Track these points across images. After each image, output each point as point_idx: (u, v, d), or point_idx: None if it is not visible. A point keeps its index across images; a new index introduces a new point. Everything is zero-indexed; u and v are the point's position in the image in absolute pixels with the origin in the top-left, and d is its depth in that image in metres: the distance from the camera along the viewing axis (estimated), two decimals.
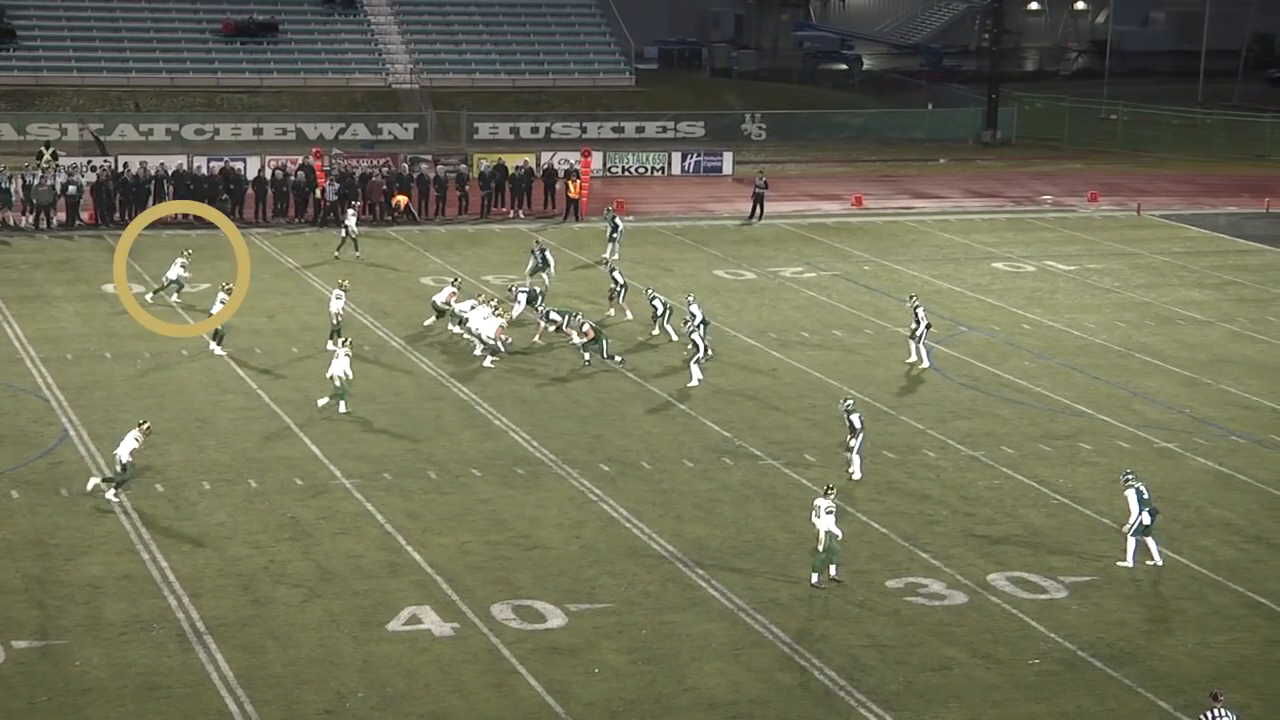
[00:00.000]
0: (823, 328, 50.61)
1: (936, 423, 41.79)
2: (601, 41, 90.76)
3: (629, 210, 67.43)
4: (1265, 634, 30.51)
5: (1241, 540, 34.86)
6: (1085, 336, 50.29)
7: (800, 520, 35.12)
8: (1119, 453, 39.96)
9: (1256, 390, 44.99)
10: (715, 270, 57.72)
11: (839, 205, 69.77)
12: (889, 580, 32.43)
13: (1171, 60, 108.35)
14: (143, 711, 26.66)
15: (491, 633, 29.73)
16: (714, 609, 31.05)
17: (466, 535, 34.16)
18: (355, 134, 78.69)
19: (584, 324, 46.14)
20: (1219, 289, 56.74)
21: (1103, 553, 33.95)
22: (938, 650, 29.53)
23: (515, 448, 39.55)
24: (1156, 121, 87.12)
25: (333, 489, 36.62)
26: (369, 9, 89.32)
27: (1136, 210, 69.85)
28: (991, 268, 59.30)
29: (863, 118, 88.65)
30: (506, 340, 46.04)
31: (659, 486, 37.22)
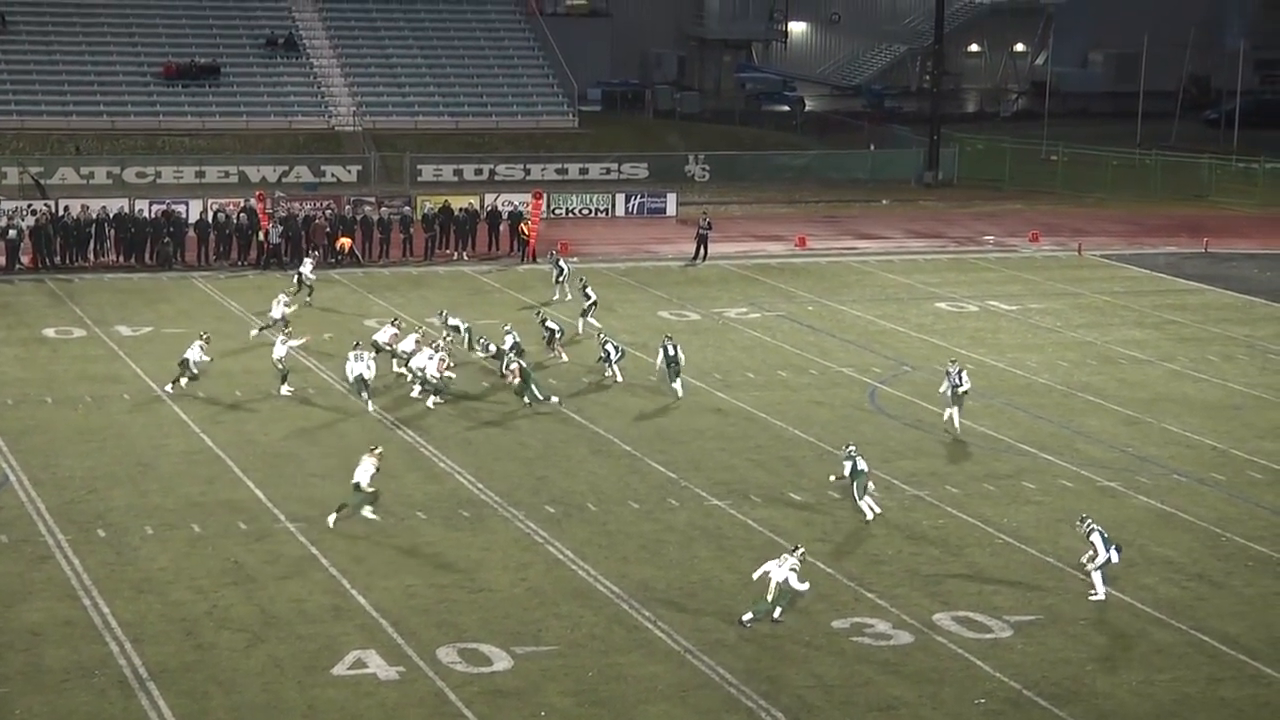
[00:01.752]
0: (767, 368, 50.65)
1: (881, 462, 41.79)
2: (544, 83, 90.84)
3: (573, 252, 67.42)
4: (1208, 672, 30.58)
5: (1184, 578, 34.98)
6: (1028, 376, 50.46)
7: (746, 561, 35.09)
8: (1062, 492, 40.08)
9: (1197, 429, 45.20)
10: (659, 311, 57.75)
11: (782, 246, 69.90)
12: (835, 620, 32.40)
13: (1110, 101, 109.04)
14: None
15: (437, 676, 29.57)
16: (660, 650, 30.96)
17: (411, 578, 34.00)
18: (298, 176, 78.47)
19: (511, 364, 46.07)
20: (1159, 328, 57.03)
21: (1048, 591, 34.01)
22: (884, 690, 29.50)
23: (460, 490, 39.43)
24: (1096, 162, 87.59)
25: (277, 533, 36.41)
26: (311, 51, 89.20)
27: (1077, 250, 70.18)
28: (934, 308, 59.47)
29: (805, 159, 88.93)
30: (450, 378, 45.91)
31: (604, 528, 37.13)
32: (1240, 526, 37.80)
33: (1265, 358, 53.13)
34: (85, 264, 62.86)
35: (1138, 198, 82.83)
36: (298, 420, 44.26)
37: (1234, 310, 60.07)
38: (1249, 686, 30.05)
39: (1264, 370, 51.63)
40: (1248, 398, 48.59)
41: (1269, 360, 52.81)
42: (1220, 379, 50.51)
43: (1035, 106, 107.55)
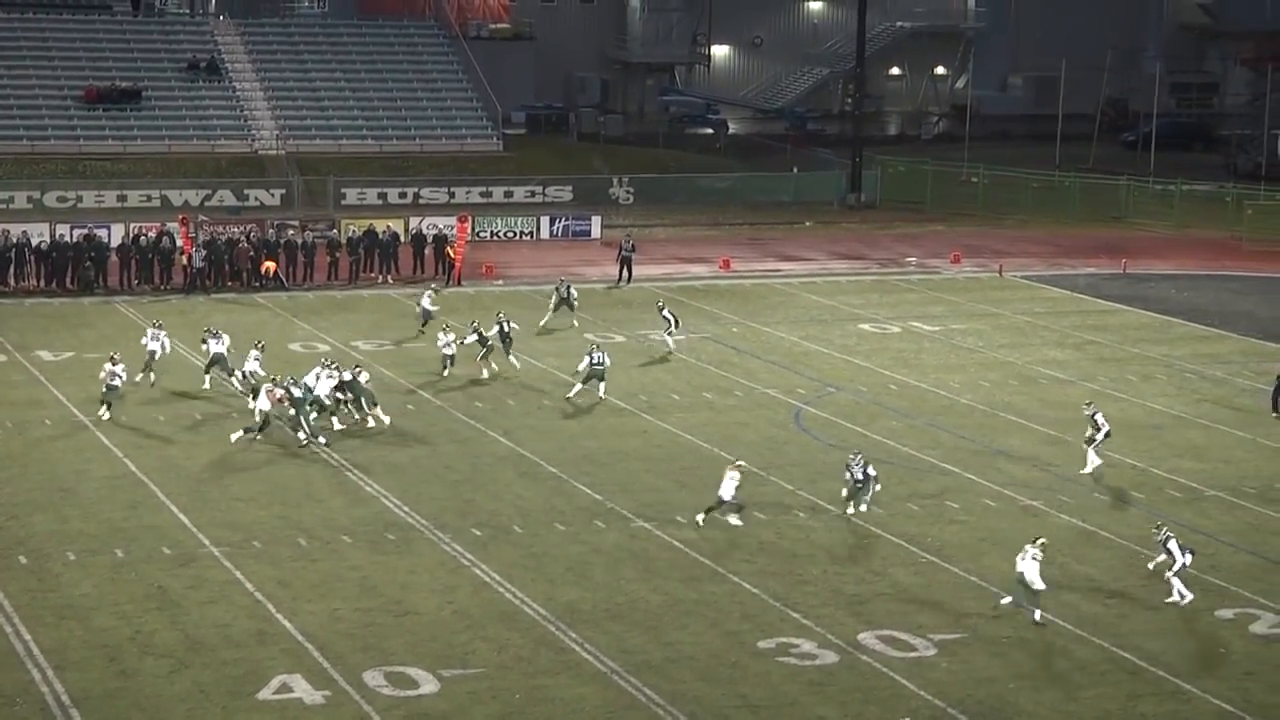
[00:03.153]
0: (692, 390, 50.71)
1: (806, 483, 41.94)
2: (468, 107, 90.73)
3: (499, 275, 67.43)
4: (1128, 688, 30.79)
5: (1104, 596, 35.20)
6: (950, 396, 50.69)
7: (672, 582, 35.15)
8: (985, 511, 40.29)
9: (1116, 448, 45.43)
10: (585, 334, 57.69)
11: (706, 268, 70.04)
12: (760, 641, 32.45)
13: (1029, 124, 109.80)
14: None
15: (364, 700, 29.47)
16: (587, 672, 30.94)
17: (337, 602, 33.88)
18: (221, 200, 78.02)
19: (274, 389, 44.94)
20: (1079, 348, 57.37)
21: (971, 610, 34.16)
22: (810, 710, 29.57)
23: (386, 513, 39.32)
24: (1016, 184, 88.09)
25: (201, 557, 36.21)
26: (234, 75, 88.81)
27: (998, 271, 70.56)
28: (858, 329, 59.67)
29: (729, 181, 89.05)
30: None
31: (531, 550, 37.09)
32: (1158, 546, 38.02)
33: (1183, 377, 53.54)
34: (5, 289, 62.36)
35: (1057, 219, 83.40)
36: (220, 445, 44.01)
37: (1152, 330, 60.49)
38: (1169, 703, 30.27)
39: (1182, 390, 52.02)
40: (1166, 417, 48.95)
41: (1186, 380, 53.22)
42: (1139, 399, 50.87)
43: (956, 129, 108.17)
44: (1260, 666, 31.88)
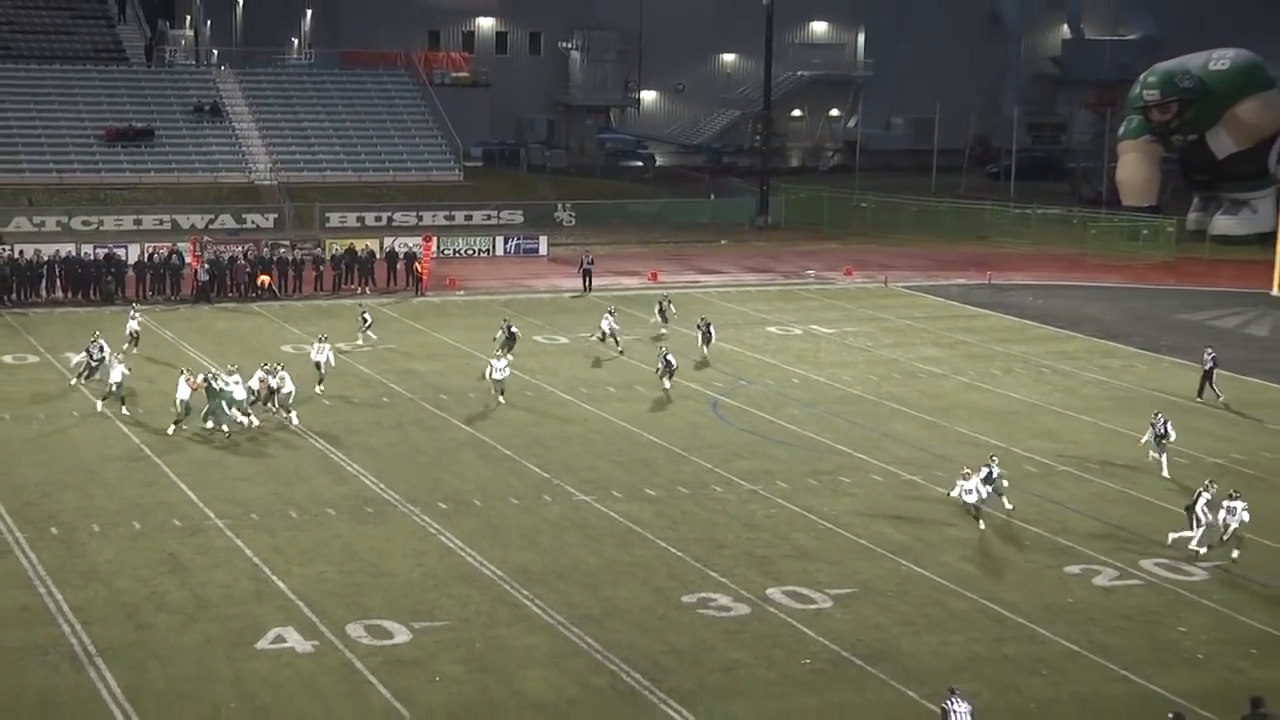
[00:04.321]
0: (625, 383, 50.75)
1: (722, 462, 42.03)
2: (434, 143, 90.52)
3: (461, 286, 67.33)
4: (994, 634, 30.99)
5: (975, 555, 35.40)
6: (844, 388, 50.87)
7: (610, 546, 35.20)
8: (873, 485, 40.44)
9: (984, 431, 45.76)
10: (534, 336, 57.69)
11: (637, 280, 70.04)
12: (684, 596, 32.50)
13: (909, 158, 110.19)
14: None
15: (346, 649, 29.42)
16: (537, 624, 30.96)
17: (323, 565, 33.79)
18: (223, 223, 77.68)
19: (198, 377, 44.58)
20: (952, 347, 57.66)
21: (861, 568, 34.30)
22: (726, 654, 29.65)
23: (365, 490, 39.23)
24: (898, 208, 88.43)
25: (206, 528, 36.08)
26: (233, 116, 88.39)
27: (884, 282, 70.85)
28: (765, 331, 59.82)
29: (656, 206, 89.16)
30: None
31: (488, 520, 37.07)
32: (1019, 512, 38.25)
33: (1038, 371, 53.87)
34: (38, 300, 62.07)
35: (933, 238, 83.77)
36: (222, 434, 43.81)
37: (1013, 332, 60.80)
38: (1027, 645, 30.47)
39: (1037, 382, 52.34)
40: (1024, 405, 49.25)
41: (1041, 374, 53.55)
42: (1002, 390, 51.16)
43: (848, 162, 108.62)
44: (1101, 613, 32.13)
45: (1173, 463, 41.99)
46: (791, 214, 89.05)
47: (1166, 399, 49.78)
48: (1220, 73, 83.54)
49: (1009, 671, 29.19)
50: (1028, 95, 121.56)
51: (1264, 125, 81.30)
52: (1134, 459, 42.95)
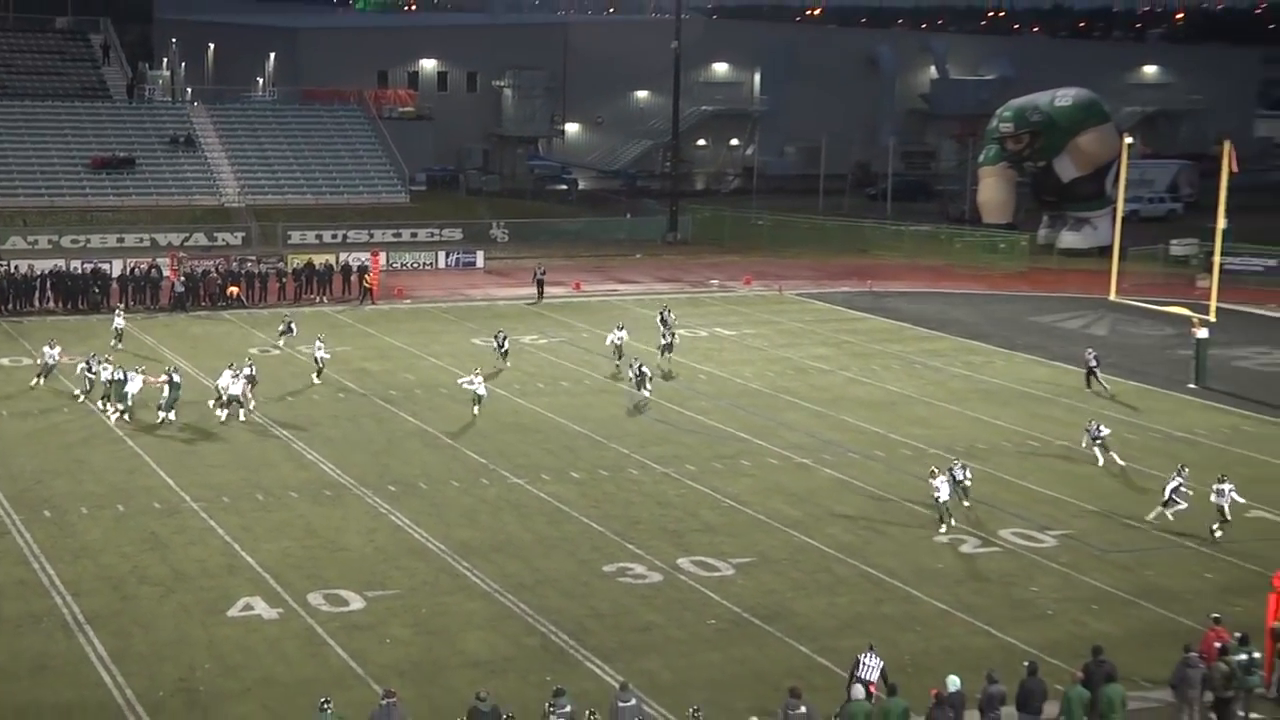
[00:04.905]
0: (552, 380, 50.67)
1: (638, 448, 42.07)
2: (383, 169, 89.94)
3: (408, 295, 66.99)
4: (874, 595, 31.22)
5: (857, 528, 35.61)
6: (744, 383, 51.01)
7: (540, 523, 35.15)
8: (770, 467, 40.58)
9: (865, 419, 46.04)
10: (473, 339, 57.50)
11: (563, 289, 69.85)
12: (605, 566, 32.52)
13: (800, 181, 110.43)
14: (35, 686, 25.86)
15: (308, 615, 29.26)
16: (476, 592, 30.90)
17: (287, 542, 33.57)
18: (197, 241, 76.75)
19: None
20: (837, 346, 57.92)
21: (759, 540, 34.42)
22: (642, 616, 29.70)
23: (323, 475, 38.98)
24: (791, 225, 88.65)
25: (183, 510, 35.75)
26: (205, 146, 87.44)
27: (779, 290, 71.06)
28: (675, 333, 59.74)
29: (579, 224, 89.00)
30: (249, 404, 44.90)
31: (433, 501, 36.94)
32: (896, 490, 38.55)
33: (912, 367, 54.22)
34: (31, 310, 61.21)
35: (821, 251, 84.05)
36: (199, 425, 43.44)
37: (890, 333, 61.13)
38: (903, 605, 30.70)
39: (912, 377, 52.68)
40: (899, 396, 49.56)
41: (914, 369, 53.91)
42: (881, 383, 51.46)
43: (746, 185, 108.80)
44: (967, 577, 32.42)
45: (1030, 447, 42.41)
46: (698, 231, 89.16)
47: (1020, 390, 50.26)
48: (1064, 108, 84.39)
49: (887, 628, 29.38)
50: (901, 127, 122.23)
51: (1101, 153, 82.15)
52: (994, 442, 43.35)
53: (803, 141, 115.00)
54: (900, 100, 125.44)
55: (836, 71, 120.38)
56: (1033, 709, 24.10)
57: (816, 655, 27.92)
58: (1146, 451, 42.65)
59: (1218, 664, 25.22)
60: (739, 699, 25.09)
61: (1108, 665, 24.84)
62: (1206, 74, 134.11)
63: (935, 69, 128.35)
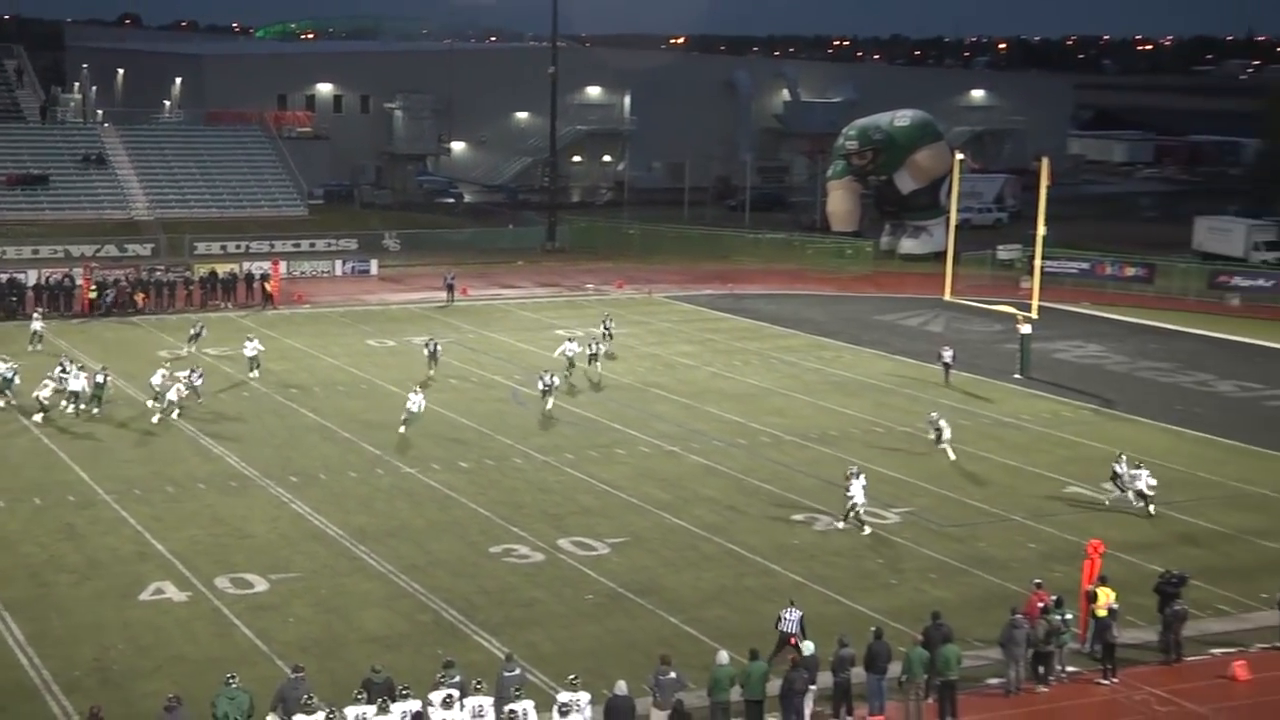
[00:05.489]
0: (442, 377, 50.28)
1: (521, 439, 41.93)
2: (283, 184, 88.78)
3: (307, 300, 66.12)
4: (737, 570, 31.40)
5: (721, 509, 35.80)
6: (617, 378, 51.01)
7: (431, 510, 34.89)
8: (642, 455, 40.65)
9: (729, 410, 46.29)
10: (367, 341, 56.92)
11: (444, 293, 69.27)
12: (492, 547, 32.37)
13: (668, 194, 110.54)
14: None
15: (215, 598, 28.77)
16: (373, 573, 30.59)
17: (196, 530, 32.97)
18: (108, 252, 74.88)
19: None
20: (702, 344, 58.15)
21: (632, 521, 34.44)
22: (526, 593, 29.60)
23: (229, 468, 38.34)
24: (659, 234, 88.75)
25: (97, 503, 34.97)
26: (116, 165, 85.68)
27: (648, 293, 71.18)
28: (554, 333, 59.50)
29: (465, 234, 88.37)
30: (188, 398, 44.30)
31: (332, 490, 36.50)
32: (756, 474, 38.82)
33: (769, 363, 54.61)
34: None
35: (686, 258, 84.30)
36: (112, 424, 42.53)
37: (749, 331, 61.49)
38: (763, 578, 30.91)
39: (769, 371, 53.06)
40: (759, 389, 49.88)
41: (771, 364, 54.30)
42: (742, 377, 51.77)
43: (618, 198, 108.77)
44: (819, 551, 32.72)
45: (876, 433, 42.92)
46: (574, 240, 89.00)
47: (867, 382, 50.84)
48: (903, 127, 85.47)
49: (749, 599, 29.57)
50: (758, 145, 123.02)
51: (936, 168, 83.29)
52: (844, 430, 43.80)
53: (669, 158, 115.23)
54: (756, 120, 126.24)
55: (699, 94, 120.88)
56: (879, 669, 24.38)
57: (685, 625, 28.00)
58: (979, 436, 43.38)
59: (1039, 621, 25.74)
60: (615, 667, 25.09)
61: (945, 628, 25.22)
62: (1026, 98, 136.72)
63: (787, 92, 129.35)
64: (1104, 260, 75.56)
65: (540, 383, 45.34)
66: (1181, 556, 31.91)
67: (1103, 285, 73.51)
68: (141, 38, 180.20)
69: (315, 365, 51.51)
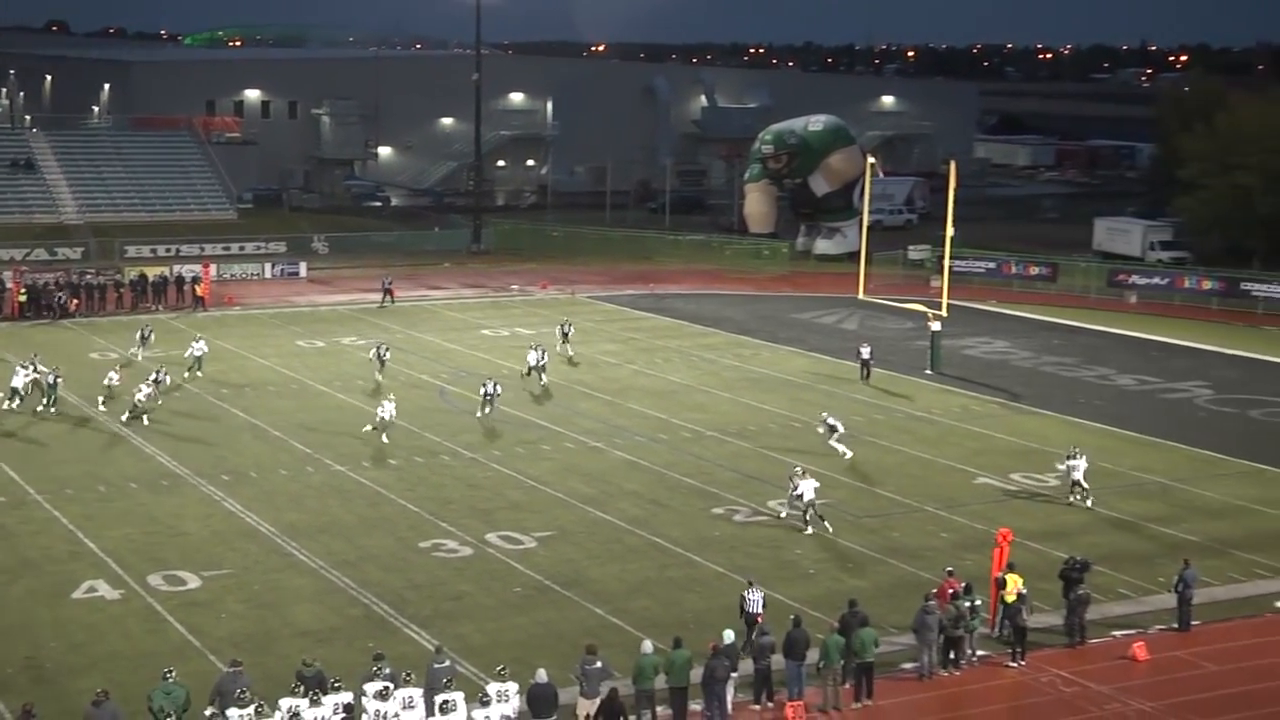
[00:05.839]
0: (370, 376, 49.87)
1: (449, 436, 41.73)
2: (212, 189, 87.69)
3: (237, 302, 65.35)
4: (660, 561, 31.44)
5: (645, 503, 35.84)
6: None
7: (361, 506, 34.62)
8: (567, 450, 40.57)
9: (651, 407, 46.33)
10: (297, 341, 56.38)
11: (379, 295, 68.82)
12: (421, 542, 32.20)
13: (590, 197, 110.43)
14: None
15: (148, 595, 28.38)
16: (304, 569, 30.31)
17: (129, 529, 32.50)
18: (39, 256, 73.70)
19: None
20: (625, 342, 58.15)
21: (559, 516, 34.37)
22: (455, 586, 29.47)
23: (161, 467, 37.83)
24: (581, 237, 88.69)
25: (29, 502, 34.35)
26: (45, 170, 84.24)
27: (572, 294, 71.10)
28: (480, 334, 59.48)
29: (392, 237, 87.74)
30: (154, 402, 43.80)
31: (263, 488, 36.12)
32: (678, 468, 38.89)
33: (689, 360, 54.72)
34: None
35: (608, 259, 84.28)
36: (46, 424, 41.79)
37: (670, 330, 61.56)
38: (686, 569, 30.97)
39: (690, 368, 53.17)
40: (680, 386, 49.97)
41: (692, 362, 54.43)
42: (663, 374, 51.83)
43: (542, 201, 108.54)
44: (740, 543, 32.85)
45: (793, 428, 43.12)
46: (499, 242, 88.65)
47: (783, 378, 51.10)
48: (816, 132, 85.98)
49: (672, 590, 29.62)
50: (677, 149, 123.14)
51: (848, 171, 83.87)
52: (762, 425, 44.00)
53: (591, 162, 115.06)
54: (675, 125, 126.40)
55: (619, 100, 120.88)
56: (797, 655, 24.52)
57: (610, 616, 28.00)
58: (892, 430, 43.75)
59: (949, 606, 26.01)
60: (542, 657, 25.04)
61: (861, 615, 25.41)
62: (934, 103, 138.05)
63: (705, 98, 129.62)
64: (1010, 260, 76.49)
65: (483, 389, 44.07)
66: (1085, 543, 32.39)
67: (1009, 284, 74.42)
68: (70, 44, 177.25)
69: (246, 366, 50.93)
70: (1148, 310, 68.90)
